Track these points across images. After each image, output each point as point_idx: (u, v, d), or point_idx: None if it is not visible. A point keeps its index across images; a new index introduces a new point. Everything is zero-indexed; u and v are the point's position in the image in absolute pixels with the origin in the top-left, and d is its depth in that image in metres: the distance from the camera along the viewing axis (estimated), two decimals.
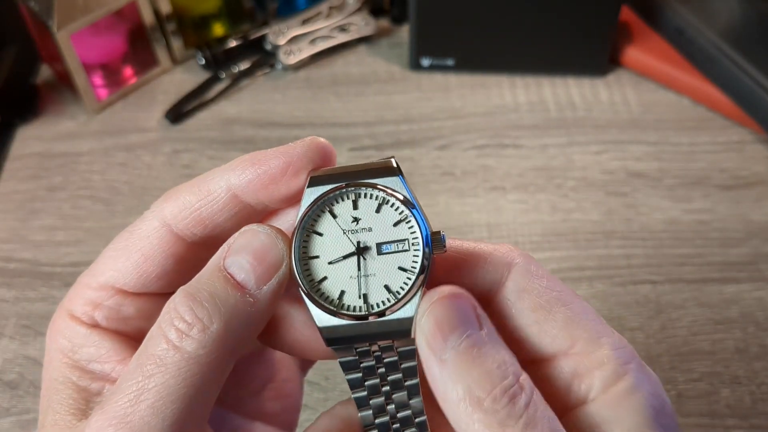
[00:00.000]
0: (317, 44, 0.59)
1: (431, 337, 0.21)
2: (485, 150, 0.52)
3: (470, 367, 0.21)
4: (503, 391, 0.20)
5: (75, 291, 0.25)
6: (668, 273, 0.45)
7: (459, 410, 0.20)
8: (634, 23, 0.59)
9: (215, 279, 0.22)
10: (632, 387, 0.22)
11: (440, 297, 0.22)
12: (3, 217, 0.49)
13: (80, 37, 0.52)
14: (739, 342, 0.41)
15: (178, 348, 0.21)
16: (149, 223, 0.24)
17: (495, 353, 0.21)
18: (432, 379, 0.21)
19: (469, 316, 0.21)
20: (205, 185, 0.23)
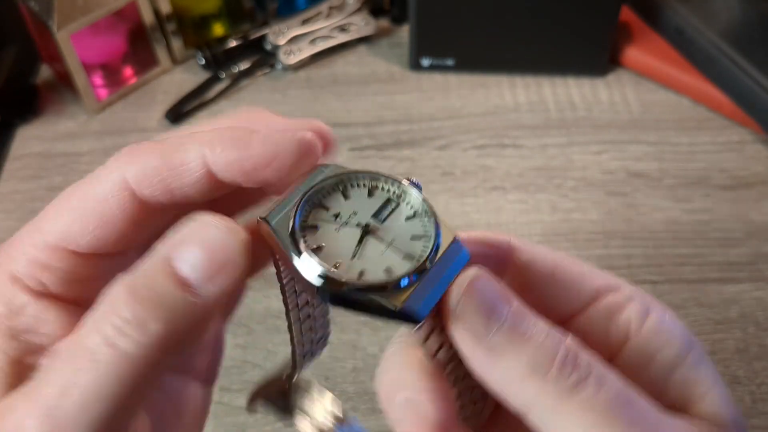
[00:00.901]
0: (317, 44, 0.59)
1: (472, 327, 0.20)
2: (485, 150, 0.52)
3: (522, 345, 0.20)
4: (563, 357, 0.20)
5: (17, 249, 0.23)
6: (668, 273, 0.45)
7: (525, 390, 0.20)
8: (634, 23, 0.59)
9: (158, 273, 0.20)
10: (663, 317, 0.23)
11: (469, 282, 0.20)
12: (3, 217, 0.49)
13: (80, 37, 0.52)
14: (739, 342, 0.41)
15: (112, 345, 0.19)
16: (107, 184, 0.22)
17: (535, 324, 0.20)
18: (482, 369, 0.20)
19: (500, 294, 0.21)
20: (177, 155, 0.21)
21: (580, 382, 0.19)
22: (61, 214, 0.23)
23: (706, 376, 0.22)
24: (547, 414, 0.20)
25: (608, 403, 0.19)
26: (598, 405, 0.19)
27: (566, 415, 0.19)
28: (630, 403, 0.20)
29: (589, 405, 0.19)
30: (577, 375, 0.20)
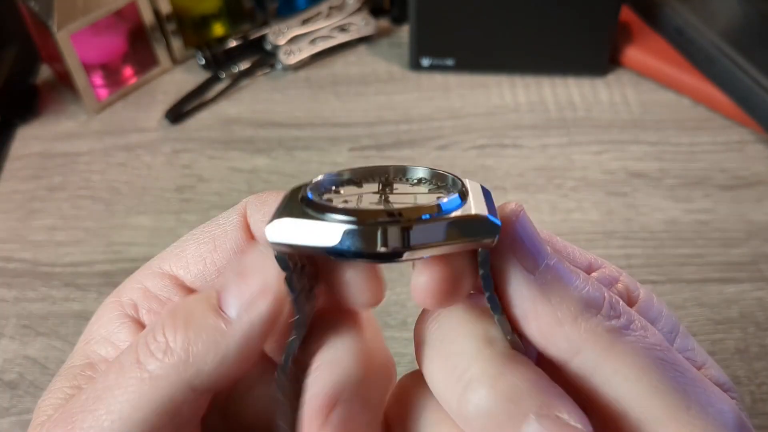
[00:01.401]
0: (317, 44, 0.59)
1: (523, 257, 0.19)
2: (485, 150, 0.52)
3: (573, 280, 0.19)
4: (611, 299, 0.19)
5: (138, 273, 0.23)
6: (668, 273, 0.45)
7: (576, 330, 0.18)
8: (634, 23, 0.59)
9: (202, 299, 0.20)
10: (650, 293, 0.22)
11: (517, 213, 0.19)
12: (3, 217, 0.49)
13: (80, 37, 0.52)
14: (739, 342, 0.41)
15: (139, 365, 0.19)
16: (234, 218, 0.22)
17: (575, 267, 0.20)
18: (532, 304, 0.19)
19: (539, 234, 0.20)
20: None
21: (630, 324, 0.19)
22: (188, 246, 0.23)
23: (696, 345, 0.22)
24: (599, 357, 0.18)
25: (658, 348, 0.19)
26: (649, 349, 0.18)
27: (620, 357, 0.18)
28: (672, 351, 0.19)
29: (640, 348, 0.18)
30: (627, 318, 0.19)
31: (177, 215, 0.49)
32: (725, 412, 0.19)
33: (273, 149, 0.53)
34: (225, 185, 0.51)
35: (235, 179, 0.51)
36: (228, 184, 0.51)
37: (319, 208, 0.18)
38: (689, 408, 0.18)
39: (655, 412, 0.18)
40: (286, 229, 0.18)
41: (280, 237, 0.18)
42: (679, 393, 0.18)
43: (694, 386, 0.19)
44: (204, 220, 0.23)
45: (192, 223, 0.48)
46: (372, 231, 0.17)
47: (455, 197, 0.18)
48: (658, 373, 0.18)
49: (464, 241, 0.18)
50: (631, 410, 0.18)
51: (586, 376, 0.19)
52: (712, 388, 0.19)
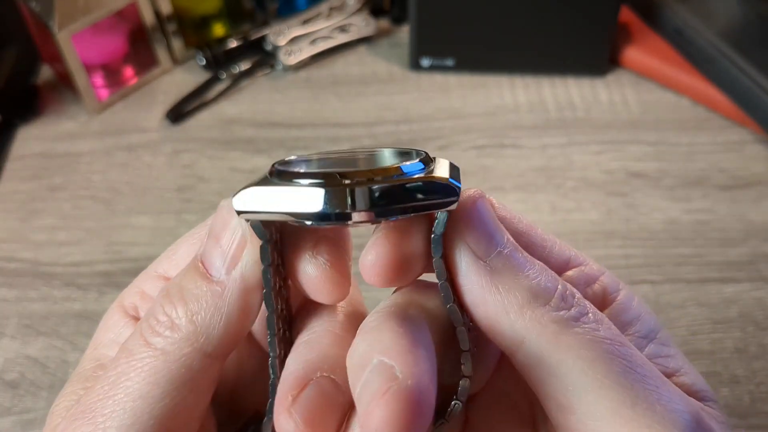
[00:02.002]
0: (317, 45, 0.59)
1: (475, 243, 0.19)
2: (485, 150, 0.52)
3: (524, 270, 0.19)
4: (564, 290, 0.19)
5: (137, 280, 0.24)
6: (667, 273, 0.45)
7: (523, 318, 0.18)
8: (634, 24, 0.59)
9: (189, 271, 0.20)
10: (631, 293, 0.22)
11: (474, 198, 0.19)
12: (4, 216, 0.49)
13: (81, 37, 0.53)
14: (738, 342, 0.41)
15: (148, 344, 0.20)
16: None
17: (531, 258, 0.19)
18: (478, 294, 0.19)
19: (498, 222, 0.20)
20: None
21: (581, 317, 0.19)
22: (179, 248, 0.23)
23: (676, 352, 0.22)
24: (543, 347, 0.18)
25: (608, 341, 0.18)
26: (598, 342, 0.18)
27: (564, 348, 0.18)
28: (627, 346, 0.19)
29: (588, 340, 0.18)
30: (577, 310, 0.19)
31: (177, 215, 0.49)
32: (678, 412, 0.18)
33: (273, 149, 0.53)
34: (225, 185, 0.51)
35: (236, 179, 0.51)
36: (228, 185, 0.51)
37: (285, 175, 0.18)
38: (635, 404, 0.18)
39: (599, 407, 0.18)
40: (252, 197, 0.18)
41: (246, 205, 0.18)
42: (625, 388, 0.18)
43: (644, 383, 0.18)
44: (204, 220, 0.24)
45: (192, 223, 0.48)
46: (337, 192, 0.17)
47: (417, 162, 0.19)
48: (604, 367, 0.18)
49: (425, 201, 0.18)
50: (576, 404, 0.18)
51: (532, 366, 0.19)
52: (667, 386, 0.19)
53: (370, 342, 0.18)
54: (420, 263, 0.20)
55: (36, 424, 0.39)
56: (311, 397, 0.19)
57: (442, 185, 0.18)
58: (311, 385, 0.19)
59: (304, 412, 0.19)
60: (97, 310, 0.43)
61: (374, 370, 0.17)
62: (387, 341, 0.18)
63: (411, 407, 0.17)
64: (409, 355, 0.17)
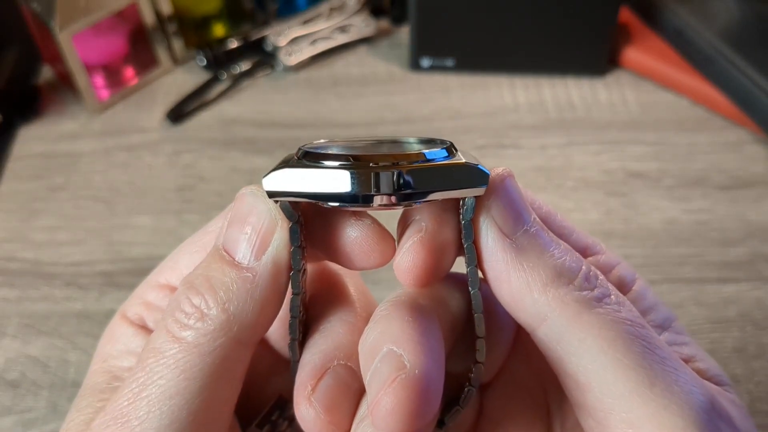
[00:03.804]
0: (318, 45, 0.59)
1: (502, 220, 0.19)
2: (485, 150, 0.53)
3: (549, 248, 0.19)
4: (587, 271, 0.19)
5: (138, 290, 0.23)
6: (667, 273, 0.45)
7: (545, 296, 0.18)
8: (634, 24, 0.59)
9: (212, 260, 0.20)
10: (646, 284, 0.23)
11: (503, 177, 0.19)
12: (5, 216, 0.49)
13: (82, 38, 0.53)
14: (738, 341, 0.41)
15: (177, 339, 0.19)
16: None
17: (557, 238, 0.20)
18: (503, 270, 0.19)
19: (526, 201, 0.20)
20: None
21: (604, 298, 0.19)
22: (173, 255, 0.23)
23: (690, 341, 0.22)
24: (564, 325, 0.18)
25: (629, 322, 0.18)
26: (619, 322, 0.18)
27: (585, 327, 0.18)
28: (647, 328, 0.19)
29: (610, 320, 0.18)
30: (600, 291, 0.19)
31: (178, 215, 0.49)
32: (694, 393, 0.18)
33: (274, 150, 0.53)
34: (226, 185, 0.51)
35: (236, 179, 0.51)
36: (229, 185, 0.51)
37: (313, 157, 0.18)
38: (653, 385, 0.18)
39: (618, 386, 0.18)
40: (283, 178, 0.18)
41: (277, 185, 0.18)
42: (644, 369, 0.18)
43: (663, 365, 0.18)
44: (205, 221, 0.24)
45: (193, 223, 0.48)
46: (366, 174, 0.18)
47: (440, 149, 0.19)
48: (624, 347, 0.18)
49: (455, 187, 0.18)
50: (594, 382, 0.18)
51: (552, 343, 0.19)
52: (684, 369, 0.19)
53: (380, 330, 0.18)
54: (452, 255, 0.20)
55: (36, 424, 0.39)
56: (330, 385, 0.19)
57: (471, 172, 0.18)
58: (329, 374, 0.19)
59: (323, 400, 0.19)
60: (97, 310, 0.44)
61: (383, 359, 0.18)
62: (396, 330, 0.18)
63: (418, 396, 0.17)
64: (417, 345, 0.18)
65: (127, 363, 0.22)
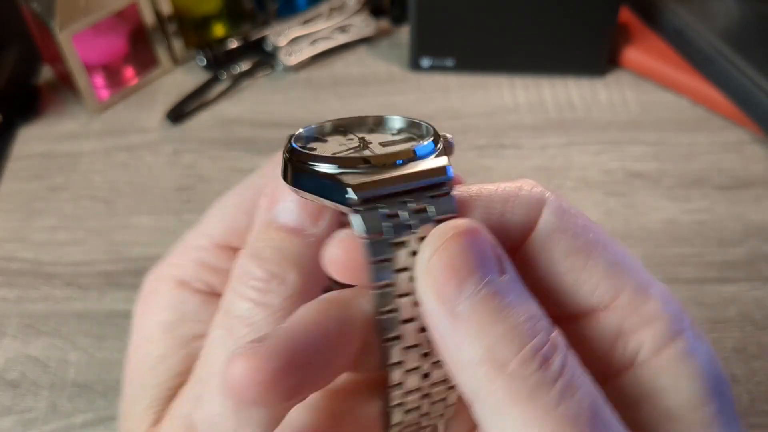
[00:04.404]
0: (318, 45, 0.59)
1: (442, 284, 0.16)
2: (485, 150, 0.53)
3: (492, 322, 0.16)
4: (533, 351, 0.16)
5: (182, 254, 0.23)
6: (667, 272, 0.45)
7: (477, 376, 0.16)
8: (634, 24, 0.59)
9: (270, 234, 0.20)
10: (689, 349, 0.18)
11: (455, 233, 0.17)
12: (5, 216, 0.49)
13: (82, 38, 0.53)
14: (737, 341, 0.41)
15: (263, 304, 0.19)
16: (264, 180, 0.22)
17: (521, 304, 0.17)
18: (440, 336, 0.17)
19: (489, 258, 0.17)
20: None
21: (541, 387, 0.16)
22: (225, 214, 0.23)
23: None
24: (490, 411, 0.16)
25: (563, 420, 0.16)
26: (550, 420, 0.16)
27: (509, 418, 0.16)
28: (596, 420, 0.16)
29: (538, 416, 0.16)
30: (540, 377, 0.16)
31: (178, 215, 0.49)
32: None
33: (274, 150, 0.53)
34: (226, 185, 0.50)
35: (236, 179, 0.51)
36: (229, 185, 0.50)
37: (303, 157, 0.19)
38: None
39: None
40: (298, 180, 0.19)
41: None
42: None
43: None
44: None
45: (193, 223, 0.48)
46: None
47: (429, 143, 0.20)
48: None
49: (325, 195, 0.18)
50: None
51: (481, 426, 0.17)
52: None
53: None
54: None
55: (36, 424, 0.39)
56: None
57: (339, 184, 0.18)
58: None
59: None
60: (97, 310, 0.44)
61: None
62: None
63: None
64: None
65: (196, 331, 0.22)
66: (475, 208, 0.19)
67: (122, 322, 0.43)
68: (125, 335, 0.43)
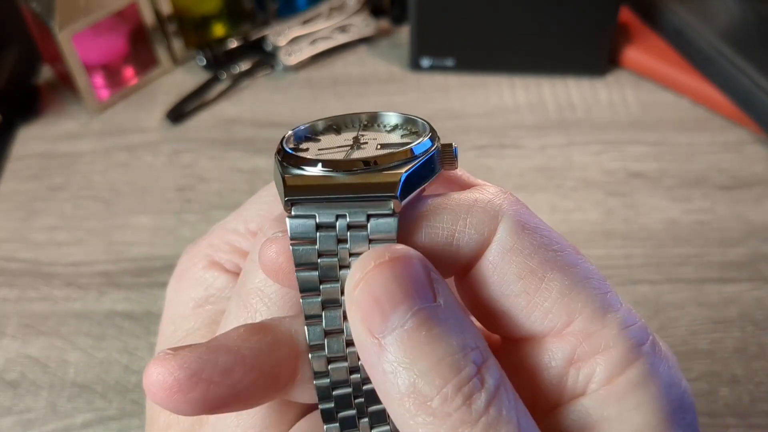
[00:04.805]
0: (317, 45, 0.59)
1: (367, 315, 0.16)
2: (485, 150, 0.52)
3: (417, 355, 0.16)
4: (457, 387, 0.16)
5: (218, 236, 0.23)
6: (667, 273, 0.45)
7: (401, 410, 0.16)
8: (634, 24, 0.59)
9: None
10: (644, 376, 0.17)
11: (381, 261, 0.16)
12: (4, 216, 0.49)
13: (81, 37, 0.53)
14: (738, 341, 0.41)
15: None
16: None
17: (452, 334, 0.16)
18: (369, 366, 0.17)
19: (421, 285, 0.16)
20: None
21: (463, 424, 0.15)
22: (264, 203, 0.23)
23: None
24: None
25: None
26: None
27: None
28: None
29: None
30: (462, 415, 0.16)
31: (178, 215, 0.49)
32: None
33: (274, 149, 0.53)
34: (226, 185, 0.51)
35: (236, 179, 0.51)
36: (229, 185, 0.51)
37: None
38: None
39: None
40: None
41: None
42: None
43: None
44: (204, 220, 0.24)
45: (192, 223, 0.48)
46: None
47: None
48: None
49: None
50: None
51: None
52: None
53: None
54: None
55: (36, 424, 0.39)
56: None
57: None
58: None
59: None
60: (97, 310, 0.43)
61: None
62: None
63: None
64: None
65: (224, 307, 0.22)
66: (420, 229, 0.18)
67: (122, 322, 0.43)
68: (125, 335, 0.43)
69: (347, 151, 0.19)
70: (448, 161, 0.19)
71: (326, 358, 0.18)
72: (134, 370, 0.41)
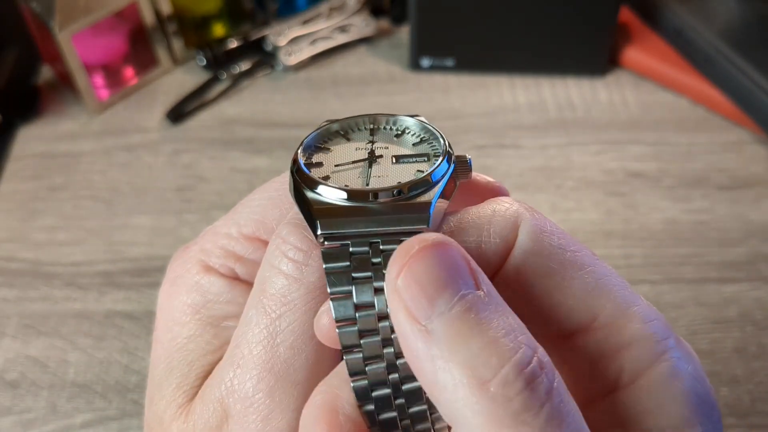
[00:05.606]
0: (318, 45, 0.59)
1: (412, 301, 0.16)
2: (485, 150, 0.53)
3: (468, 337, 0.15)
4: (517, 369, 0.15)
5: (210, 240, 0.23)
6: (667, 273, 0.45)
7: (455, 399, 0.15)
8: (634, 24, 0.59)
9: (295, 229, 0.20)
10: (673, 370, 0.17)
11: (422, 247, 0.16)
12: (4, 216, 0.49)
13: (81, 37, 0.53)
14: (738, 341, 0.41)
15: (298, 280, 0.18)
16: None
17: (500, 318, 0.16)
18: (414, 357, 0.16)
19: (462, 272, 0.16)
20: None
21: (526, 411, 0.14)
22: (256, 204, 0.23)
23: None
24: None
25: None
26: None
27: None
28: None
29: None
30: (525, 399, 0.15)
31: (178, 215, 0.49)
32: None
33: (274, 149, 0.53)
34: (226, 185, 0.51)
35: (236, 179, 0.51)
36: (229, 184, 0.51)
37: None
38: None
39: None
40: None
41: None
42: None
43: None
44: (204, 220, 0.24)
45: (192, 223, 0.48)
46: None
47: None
48: None
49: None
50: None
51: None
52: None
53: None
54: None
55: (36, 424, 0.39)
56: None
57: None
58: None
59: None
60: (97, 310, 0.43)
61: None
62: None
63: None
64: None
65: (222, 313, 0.22)
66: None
67: (122, 322, 0.43)
68: (125, 335, 0.43)
69: (364, 167, 0.20)
70: (463, 173, 0.20)
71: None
72: (134, 370, 0.41)
